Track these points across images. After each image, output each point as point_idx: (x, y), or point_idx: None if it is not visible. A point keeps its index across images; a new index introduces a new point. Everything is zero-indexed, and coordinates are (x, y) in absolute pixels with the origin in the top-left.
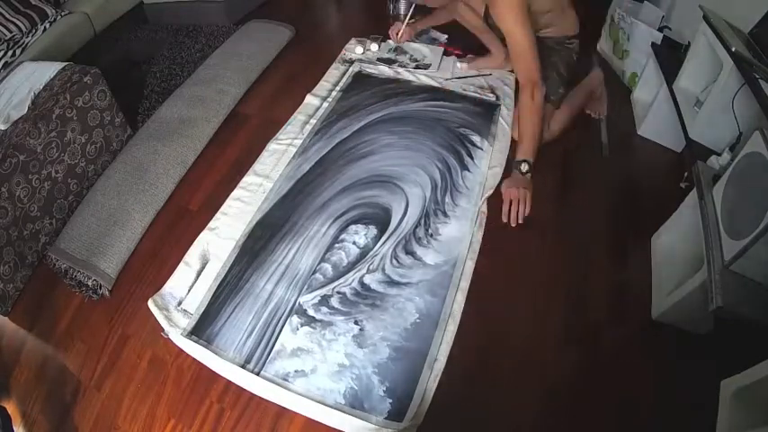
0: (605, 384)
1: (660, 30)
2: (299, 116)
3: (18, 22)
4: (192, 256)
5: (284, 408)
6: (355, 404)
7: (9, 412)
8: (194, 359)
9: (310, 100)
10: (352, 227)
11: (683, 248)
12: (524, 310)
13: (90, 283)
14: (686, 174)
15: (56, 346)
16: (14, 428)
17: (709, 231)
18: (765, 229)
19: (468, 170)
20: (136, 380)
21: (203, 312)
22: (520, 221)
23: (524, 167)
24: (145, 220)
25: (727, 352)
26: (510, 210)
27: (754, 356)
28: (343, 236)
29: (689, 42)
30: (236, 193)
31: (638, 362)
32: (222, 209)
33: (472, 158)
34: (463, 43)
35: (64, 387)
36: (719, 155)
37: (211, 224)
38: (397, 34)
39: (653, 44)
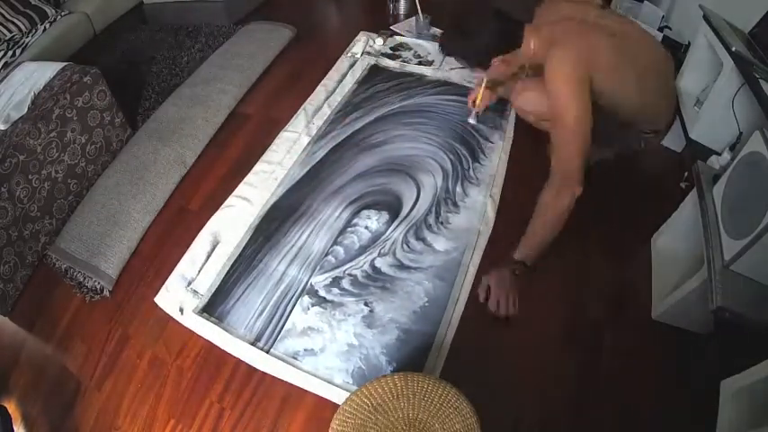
0: (605, 384)
1: (660, 30)
2: (308, 106)
3: (18, 22)
4: (204, 237)
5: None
6: (362, 384)
7: (9, 412)
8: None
9: (320, 90)
10: (365, 212)
11: (683, 248)
12: (524, 309)
13: (90, 284)
14: (686, 173)
15: (56, 346)
16: (14, 428)
17: (709, 231)
18: (765, 229)
19: (480, 162)
20: (136, 380)
21: (215, 291)
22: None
23: (519, 270)
24: (145, 219)
25: (727, 352)
26: (498, 305)
27: (754, 356)
28: (355, 220)
29: (689, 42)
30: (248, 178)
31: (638, 362)
32: (235, 192)
33: (483, 151)
34: None
35: (64, 387)
36: (719, 155)
37: (224, 207)
38: (474, 102)
39: None
